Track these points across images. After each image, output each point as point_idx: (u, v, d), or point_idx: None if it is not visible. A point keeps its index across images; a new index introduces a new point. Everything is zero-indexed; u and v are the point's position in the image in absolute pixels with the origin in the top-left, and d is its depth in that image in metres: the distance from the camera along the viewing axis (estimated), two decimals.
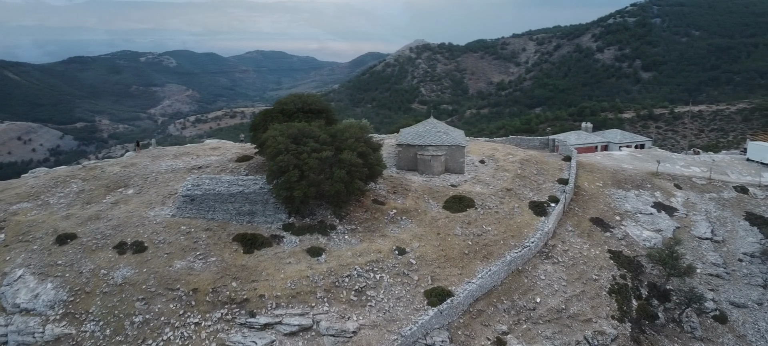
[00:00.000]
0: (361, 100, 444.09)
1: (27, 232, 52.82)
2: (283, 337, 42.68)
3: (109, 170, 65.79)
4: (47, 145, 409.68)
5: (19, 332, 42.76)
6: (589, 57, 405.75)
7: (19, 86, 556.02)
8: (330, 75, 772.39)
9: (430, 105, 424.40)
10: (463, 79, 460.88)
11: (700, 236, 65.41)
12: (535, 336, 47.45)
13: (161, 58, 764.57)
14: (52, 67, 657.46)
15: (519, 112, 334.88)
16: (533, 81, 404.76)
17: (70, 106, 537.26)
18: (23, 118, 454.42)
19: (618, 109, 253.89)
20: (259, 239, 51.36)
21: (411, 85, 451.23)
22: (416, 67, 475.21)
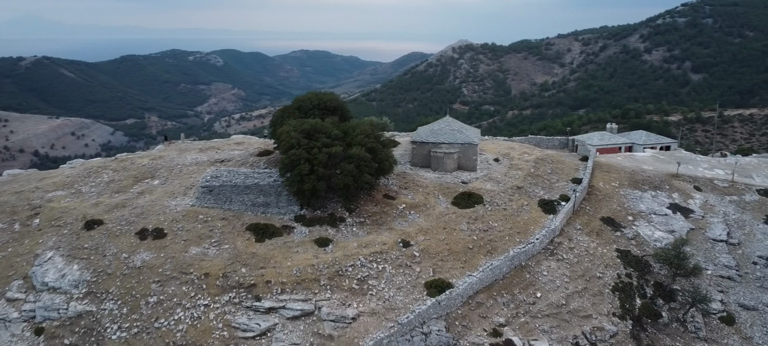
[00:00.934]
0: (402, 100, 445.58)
1: (59, 217, 56.95)
2: (285, 321, 45.12)
3: (138, 162, 69.88)
4: (99, 141, 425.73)
5: (46, 308, 46.46)
6: (636, 58, 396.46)
7: (74, 83, 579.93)
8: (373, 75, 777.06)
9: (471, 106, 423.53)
10: (506, 79, 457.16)
11: (714, 238, 64.99)
12: (532, 329, 48.60)
13: (209, 57, 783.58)
14: (106, 65, 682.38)
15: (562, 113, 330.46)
16: (578, 82, 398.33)
17: (122, 103, 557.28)
18: (77, 114, 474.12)
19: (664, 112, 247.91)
20: (270, 228, 54.08)
21: (453, 86, 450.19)
22: (458, 68, 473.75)
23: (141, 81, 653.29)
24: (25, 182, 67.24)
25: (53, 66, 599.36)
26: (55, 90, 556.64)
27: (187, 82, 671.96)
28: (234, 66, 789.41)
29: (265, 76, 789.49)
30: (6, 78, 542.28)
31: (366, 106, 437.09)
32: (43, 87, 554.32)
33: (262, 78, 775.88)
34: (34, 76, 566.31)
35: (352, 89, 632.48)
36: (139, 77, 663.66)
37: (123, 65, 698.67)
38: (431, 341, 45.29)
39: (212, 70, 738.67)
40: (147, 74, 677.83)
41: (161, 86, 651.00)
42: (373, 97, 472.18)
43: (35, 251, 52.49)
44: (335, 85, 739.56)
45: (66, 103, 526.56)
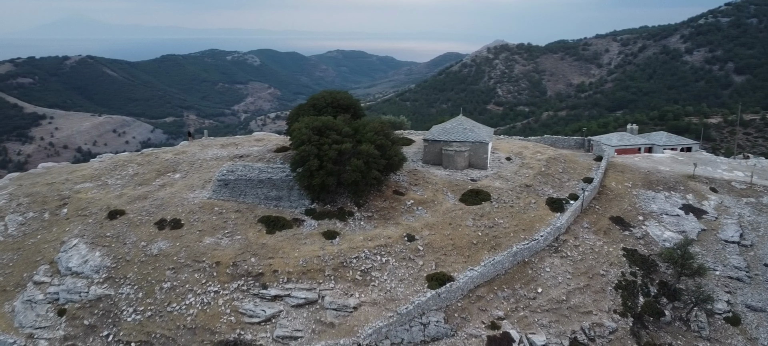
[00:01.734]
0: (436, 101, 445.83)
1: (85, 207, 60.40)
2: (290, 308, 47.28)
3: (162, 157, 73.22)
4: (139, 138, 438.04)
5: (68, 291, 49.62)
6: (676, 59, 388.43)
7: (116, 82, 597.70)
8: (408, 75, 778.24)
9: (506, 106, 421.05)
10: (542, 80, 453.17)
11: (726, 239, 64.76)
12: (530, 323, 49.67)
13: (246, 57, 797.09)
14: (147, 65, 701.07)
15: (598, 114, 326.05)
16: (615, 83, 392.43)
17: (162, 101, 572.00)
18: (119, 112, 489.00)
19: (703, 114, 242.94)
20: (281, 221, 56.40)
21: (487, 86, 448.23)
22: (493, 68, 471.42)
23: (180, 80, 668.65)
24: (56, 175, 71.30)
25: (97, 65, 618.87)
26: (98, 88, 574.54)
27: (225, 82, 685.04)
28: (270, 66, 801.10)
29: (300, 76, 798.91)
30: (52, 76, 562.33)
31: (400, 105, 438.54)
32: (87, 85, 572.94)
33: (298, 77, 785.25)
34: (79, 75, 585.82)
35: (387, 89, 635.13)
36: (178, 76, 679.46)
37: (163, 64, 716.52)
38: (430, 331, 46.83)
39: (249, 69, 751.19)
40: (186, 73, 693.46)
41: (200, 85, 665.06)
42: (407, 97, 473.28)
43: (62, 239, 55.93)
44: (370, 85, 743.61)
45: (108, 101, 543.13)
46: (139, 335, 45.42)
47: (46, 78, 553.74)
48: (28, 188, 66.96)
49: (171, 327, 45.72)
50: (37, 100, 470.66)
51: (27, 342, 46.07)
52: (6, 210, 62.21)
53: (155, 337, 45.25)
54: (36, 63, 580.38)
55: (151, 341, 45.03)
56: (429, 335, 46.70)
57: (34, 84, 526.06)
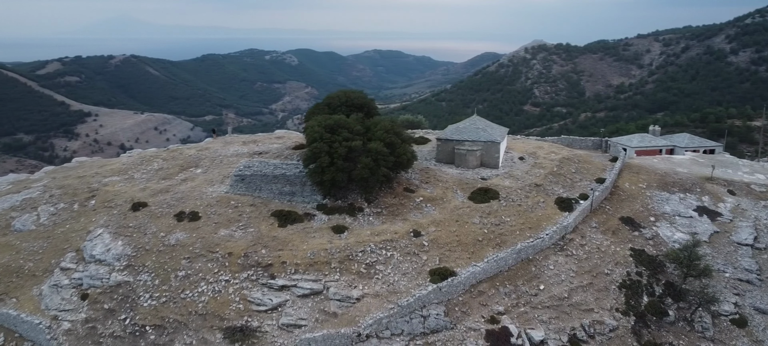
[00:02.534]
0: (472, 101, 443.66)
1: (111, 200, 63.86)
2: (296, 298, 49.52)
3: (186, 153, 76.54)
4: (180, 136, 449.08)
5: (91, 277, 52.82)
6: (720, 59, 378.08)
7: (158, 81, 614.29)
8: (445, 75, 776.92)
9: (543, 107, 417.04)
10: (580, 81, 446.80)
11: (739, 241, 64.37)
12: (530, 319, 50.73)
13: (284, 57, 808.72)
14: (188, 64, 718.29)
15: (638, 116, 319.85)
16: (656, 84, 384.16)
17: (202, 100, 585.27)
18: (160, 110, 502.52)
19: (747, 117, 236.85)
20: (293, 215, 58.72)
21: (524, 87, 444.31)
22: (530, 68, 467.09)
23: (220, 79, 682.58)
24: (88, 168, 75.30)
25: (140, 64, 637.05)
26: (141, 87, 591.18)
27: (263, 81, 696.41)
28: (308, 65, 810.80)
29: (338, 76, 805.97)
30: (98, 75, 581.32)
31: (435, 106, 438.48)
32: (131, 84, 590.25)
33: (335, 77, 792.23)
34: (123, 74, 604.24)
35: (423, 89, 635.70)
36: (218, 75, 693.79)
37: (204, 64, 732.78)
38: (429, 323, 48.35)
39: (287, 69, 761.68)
40: (226, 73, 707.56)
41: (239, 84, 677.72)
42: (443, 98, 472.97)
43: (88, 228, 59.37)
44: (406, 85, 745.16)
45: (151, 99, 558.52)
46: (153, 320, 48.24)
47: (92, 76, 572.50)
48: (60, 181, 71.00)
49: (183, 313, 48.42)
50: (83, 98, 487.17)
51: (51, 323, 49.34)
52: (39, 201, 66.20)
53: (168, 321, 48.00)
54: (82, 62, 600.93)
55: (165, 326, 47.79)
56: (429, 328, 48.18)
57: (81, 82, 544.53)
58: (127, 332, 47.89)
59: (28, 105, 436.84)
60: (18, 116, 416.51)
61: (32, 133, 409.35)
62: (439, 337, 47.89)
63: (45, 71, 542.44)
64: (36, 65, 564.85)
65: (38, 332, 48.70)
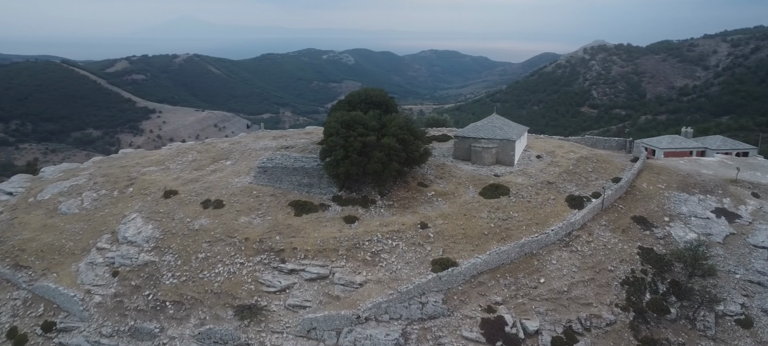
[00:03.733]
0: (527, 102, 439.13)
1: (147, 187, 69.11)
2: (303, 281, 52.99)
3: (219, 146, 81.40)
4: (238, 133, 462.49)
5: (123, 257, 57.81)
6: None
7: (219, 79, 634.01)
8: (502, 75, 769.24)
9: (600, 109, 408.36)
10: (641, 82, 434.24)
11: (756, 244, 63.83)
12: (527, 310, 52.51)
13: (341, 56, 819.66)
14: (248, 63, 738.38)
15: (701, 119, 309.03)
16: (722, 86, 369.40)
17: (260, 98, 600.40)
18: (220, 107, 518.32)
19: None
20: (309, 205, 62.29)
21: (582, 88, 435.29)
22: (589, 69, 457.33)
23: (278, 78, 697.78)
24: (130, 159, 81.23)
25: (202, 63, 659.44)
26: (202, 85, 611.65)
27: (320, 80, 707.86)
28: (364, 65, 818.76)
29: (393, 75, 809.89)
30: (163, 73, 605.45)
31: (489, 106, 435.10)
32: (193, 82, 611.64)
33: (391, 77, 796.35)
34: (186, 72, 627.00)
35: (479, 90, 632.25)
36: (276, 74, 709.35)
37: (263, 63, 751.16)
38: (427, 310, 50.86)
39: (343, 68, 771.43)
40: (283, 72, 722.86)
41: (296, 83, 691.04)
42: (498, 98, 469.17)
43: (124, 213, 64.65)
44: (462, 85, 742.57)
45: (212, 97, 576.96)
46: (173, 296, 52.71)
47: (157, 75, 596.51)
48: (105, 170, 77.02)
49: (200, 291, 52.67)
50: (148, 95, 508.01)
51: (85, 296, 54.50)
52: (84, 188, 72.20)
53: (186, 298, 52.37)
54: (148, 61, 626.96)
55: (183, 302, 52.17)
56: (426, 314, 50.71)
57: (146, 80, 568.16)
58: (149, 306, 52.49)
59: (97, 102, 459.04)
60: (88, 112, 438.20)
61: (100, 128, 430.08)
62: (436, 323, 50.34)
63: (113, 69, 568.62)
64: (105, 64, 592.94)
65: (73, 303, 53.92)
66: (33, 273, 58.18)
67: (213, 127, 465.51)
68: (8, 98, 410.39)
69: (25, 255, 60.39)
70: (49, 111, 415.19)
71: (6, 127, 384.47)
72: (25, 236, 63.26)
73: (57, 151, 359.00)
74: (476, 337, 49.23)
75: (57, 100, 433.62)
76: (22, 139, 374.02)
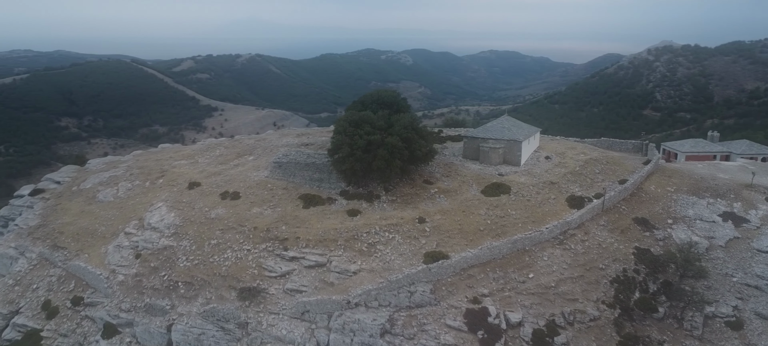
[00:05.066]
0: (586, 104, 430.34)
1: (175, 179, 74.99)
2: (303, 268, 57.13)
3: (245, 142, 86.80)
4: None
5: (145, 241, 63.53)
6: None
7: (279, 79, 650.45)
8: (563, 76, 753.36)
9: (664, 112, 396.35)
10: (708, 85, 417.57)
11: (760, 248, 63.55)
12: (512, 303, 54.86)
13: (399, 56, 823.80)
14: (307, 62, 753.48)
15: None
16: None
17: (318, 97, 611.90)
18: (280, 106, 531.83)
19: None
20: (317, 198, 66.44)
21: (644, 90, 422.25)
22: (653, 71, 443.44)
23: (337, 78, 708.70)
24: (166, 153, 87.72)
25: (263, 62, 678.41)
26: (263, 84, 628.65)
27: (378, 80, 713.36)
28: (422, 65, 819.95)
29: (452, 76, 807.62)
30: (226, 72, 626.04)
31: (547, 108, 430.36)
32: (254, 81, 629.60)
33: (449, 77, 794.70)
34: (248, 72, 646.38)
35: (538, 91, 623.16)
36: (335, 74, 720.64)
37: (322, 63, 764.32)
38: (415, 299, 54.06)
39: (402, 68, 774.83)
40: (342, 71, 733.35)
41: (354, 83, 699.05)
42: (556, 100, 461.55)
43: (152, 202, 70.60)
44: (522, 87, 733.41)
45: (272, 96, 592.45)
46: (185, 277, 57.84)
47: (220, 74, 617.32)
48: (141, 162, 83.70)
49: (209, 273, 57.60)
50: (211, 93, 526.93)
51: (109, 275, 60.44)
52: (121, 178, 78.86)
53: (196, 279, 57.40)
54: (213, 60, 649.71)
55: (193, 283, 57.23)
56: (414, 302, 53.91)
57: (210, 79, 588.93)
58: (163, 285, 57.84)
59: (163, 99, 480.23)
60: (155, 109, 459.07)
61: (166, 125, 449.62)
62: (422, 311, 53.51)
63: (180, 69, 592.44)
64: (172, 63, 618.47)
65: (99, 281, 59.96)
66: (68, 253, 64.71)
67: (272, 125, 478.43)
68: (82, 95, 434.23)
69: (63, 237, 67.11)
70: (119, 108, 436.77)
71: (79, 123, 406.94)
72: (64, 221, 70.13)
73: (125, 146, 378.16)
74: (459, 325, 52.06)
75: (127, 97, 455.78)
76: (93, 134, 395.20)
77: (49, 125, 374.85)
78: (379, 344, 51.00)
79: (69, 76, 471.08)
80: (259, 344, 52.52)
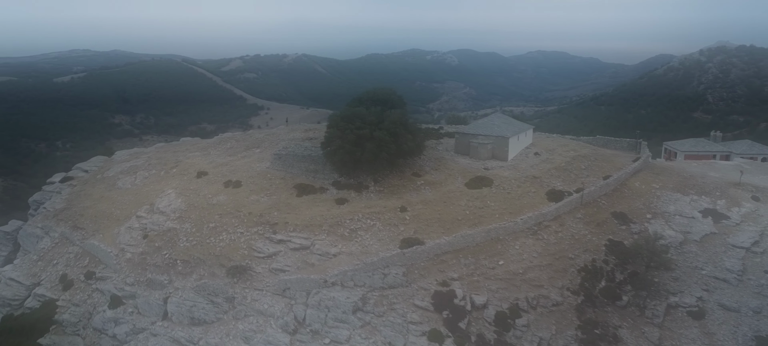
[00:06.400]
0: (634, 106, 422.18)
1: (187, 169, 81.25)
2: (288, 250, 62.08)
3: (255, 136, 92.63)
4: None
5: (153, 223, 69.69)
6: None
7: (324, 78, 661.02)
8: (613, 78, 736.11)
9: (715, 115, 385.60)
10: (764, 87, 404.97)
11: (735, 244, 65.15)
12: (479, 287, 58.52)
13: (444, 57, 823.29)
14: (352, 63, 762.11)
15: None
16: None
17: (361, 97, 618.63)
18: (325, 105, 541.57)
19: None
20: (310, 188, 71.42)
21: (695, 92, 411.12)
22: (705, 72, 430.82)
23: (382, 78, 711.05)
24: (183, 145, 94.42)
25: (309, 62, 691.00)
26: (309, 84, 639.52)
27: (422, 80, 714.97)
28: (468, 65, 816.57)
29: (498, 77, 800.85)
30: (273, 72, 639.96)
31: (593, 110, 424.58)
32: (300, 81, 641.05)
33: (495, 78, 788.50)
34: (294, 71, 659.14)
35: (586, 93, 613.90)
36: (380, 74, 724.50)
37: (367, 63, 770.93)
38: (388, 280, 58.27)
39: (447, 69, 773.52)
40: (387, 72, 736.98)
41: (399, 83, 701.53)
42: (603, 102, 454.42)
43: (163, 189, 76.92)
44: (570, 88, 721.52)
45: (317, 95, 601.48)
46: (184, 256, 63.61)
47: (267, 73, 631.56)
48: (161, 154, 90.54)
49: (205, 253, 63.20)
50: (258, 92, 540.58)
51: (118, 253, 66.82)
52: (140, 168, 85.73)
53: (193, 258, 63.09)
54: (260, 60, 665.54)
55: (190, 261, 62.94)
56: (387, 283, 58.13)
57: (257, 78, 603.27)
58: (164, 263, 63.76)
59: (212, 98, 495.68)
60: (204, 108, 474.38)
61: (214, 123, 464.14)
62: (394, 292, 57.75)
63: (228, 68, 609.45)
64: (221, 62, 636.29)
65: (109, 257, 66.38)
66: (85, 233, 71.54)
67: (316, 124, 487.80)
68: (135, 93, 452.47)
69: (83, 219, 74.04)
70: (170, 106, 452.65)
71: (132, 120, 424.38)
72: (86, 205, 77.20)
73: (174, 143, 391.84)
74: (426, 305, 56.12)
75: (177, 95, 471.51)
76: (145, 131, 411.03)
77: (104, 122, 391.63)
78: (351, 320, 55.48)
79: (123, 75, 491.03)
80: (242, 316, 57.78)
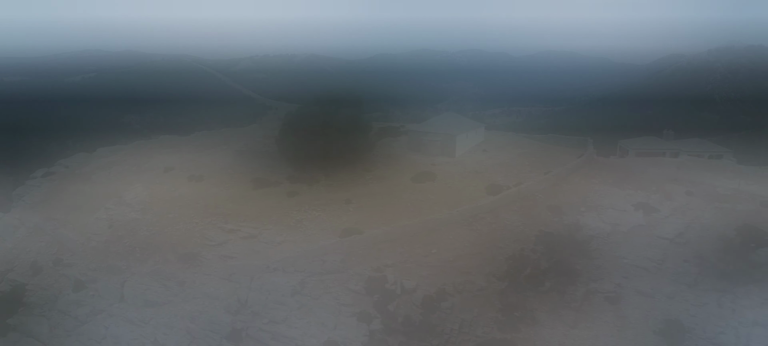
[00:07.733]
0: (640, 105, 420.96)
1: (157, 164, 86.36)
2: (237, 238, 66.95)
3: (224, 133, 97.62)
4: None
5: (119, 214, 74.71)
6: None
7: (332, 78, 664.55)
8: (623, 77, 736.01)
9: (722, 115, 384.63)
10: None
11: (660, 235, 68.69)
12: (410, 272, 62.92)
13: (453, 57, 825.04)
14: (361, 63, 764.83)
15: None
16: None
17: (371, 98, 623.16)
18: None
19: None
20: (265, 181, 76.28)
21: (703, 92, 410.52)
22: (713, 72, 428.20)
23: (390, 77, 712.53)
24: (159, 143, 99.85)
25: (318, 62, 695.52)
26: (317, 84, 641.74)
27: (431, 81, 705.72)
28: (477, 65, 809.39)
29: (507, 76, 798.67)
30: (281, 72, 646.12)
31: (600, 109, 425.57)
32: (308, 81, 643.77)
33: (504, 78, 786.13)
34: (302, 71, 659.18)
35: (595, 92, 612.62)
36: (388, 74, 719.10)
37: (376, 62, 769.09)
38: (326, 266, 62.89)
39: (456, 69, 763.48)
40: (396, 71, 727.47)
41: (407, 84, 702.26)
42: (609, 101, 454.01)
43: (132, 183, 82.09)
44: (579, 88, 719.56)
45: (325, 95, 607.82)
46: (142, 244, 68.73)
47: (276, 73, 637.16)
48: (137, 151, 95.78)
49: (161, 242, 68.28)
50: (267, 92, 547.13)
51: (85, 241, 71.98)
52: (116, 164, 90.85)
53: (151, 246, 68.18)
54: (269, 60, 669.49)
55: (148, 248, 68.02)
56: (325, 269, 62.76)
57: (266, 78, 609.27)
58: (124, 250, 68.93)
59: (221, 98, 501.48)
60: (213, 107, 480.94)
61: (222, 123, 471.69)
62: (331, 277, 62.39)
63: (237, 68, 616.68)
64: (231, 63, 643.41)
65: (76, 245, 71.64)
66: (57, 224, 76.82)
67: None
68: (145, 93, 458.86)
69: (56, 212, 79.38)
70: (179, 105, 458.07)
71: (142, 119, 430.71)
72: (61, 198, 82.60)
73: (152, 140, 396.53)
74: (359, 289, 60.74)
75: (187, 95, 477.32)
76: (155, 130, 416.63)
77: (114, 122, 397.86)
78: (289, 302, 60.28)
79: (133, 75, 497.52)
80: (191, 298, 62.72)
